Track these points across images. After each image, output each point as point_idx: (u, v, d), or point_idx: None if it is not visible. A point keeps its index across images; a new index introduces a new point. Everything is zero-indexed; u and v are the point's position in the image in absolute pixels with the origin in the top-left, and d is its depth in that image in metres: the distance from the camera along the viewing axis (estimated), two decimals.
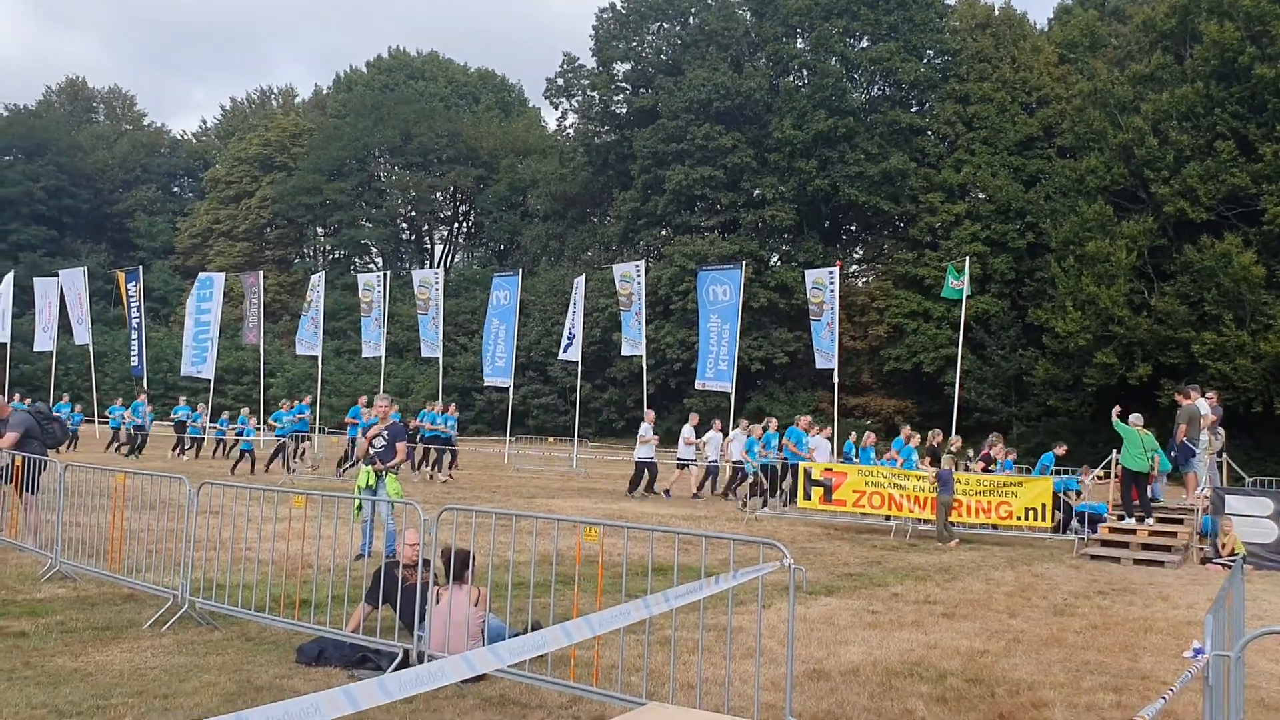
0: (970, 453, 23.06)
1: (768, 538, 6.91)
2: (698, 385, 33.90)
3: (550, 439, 42.69)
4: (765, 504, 19.95)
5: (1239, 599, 7.00)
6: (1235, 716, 4.09)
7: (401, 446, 12.26)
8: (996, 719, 6.58)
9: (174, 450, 29.07)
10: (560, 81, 59.80)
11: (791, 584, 5.92)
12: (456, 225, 76.86)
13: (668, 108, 51.70)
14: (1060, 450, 21.19)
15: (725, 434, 24.06)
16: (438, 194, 73.13)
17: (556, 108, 63.36)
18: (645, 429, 23.08)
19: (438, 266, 63.14)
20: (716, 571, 6.45)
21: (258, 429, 28.27)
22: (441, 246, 77.01)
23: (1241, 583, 7.05)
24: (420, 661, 6.90)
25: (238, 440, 27.13)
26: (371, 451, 12.04)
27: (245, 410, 28.96)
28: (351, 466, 22.85)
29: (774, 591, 9.98)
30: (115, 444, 31.05)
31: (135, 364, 41.92)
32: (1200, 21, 37.96)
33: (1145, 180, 38.48)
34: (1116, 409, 17.40)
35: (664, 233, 55.81)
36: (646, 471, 22.44)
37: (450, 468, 25.28)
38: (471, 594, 7.32)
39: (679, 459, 23.74)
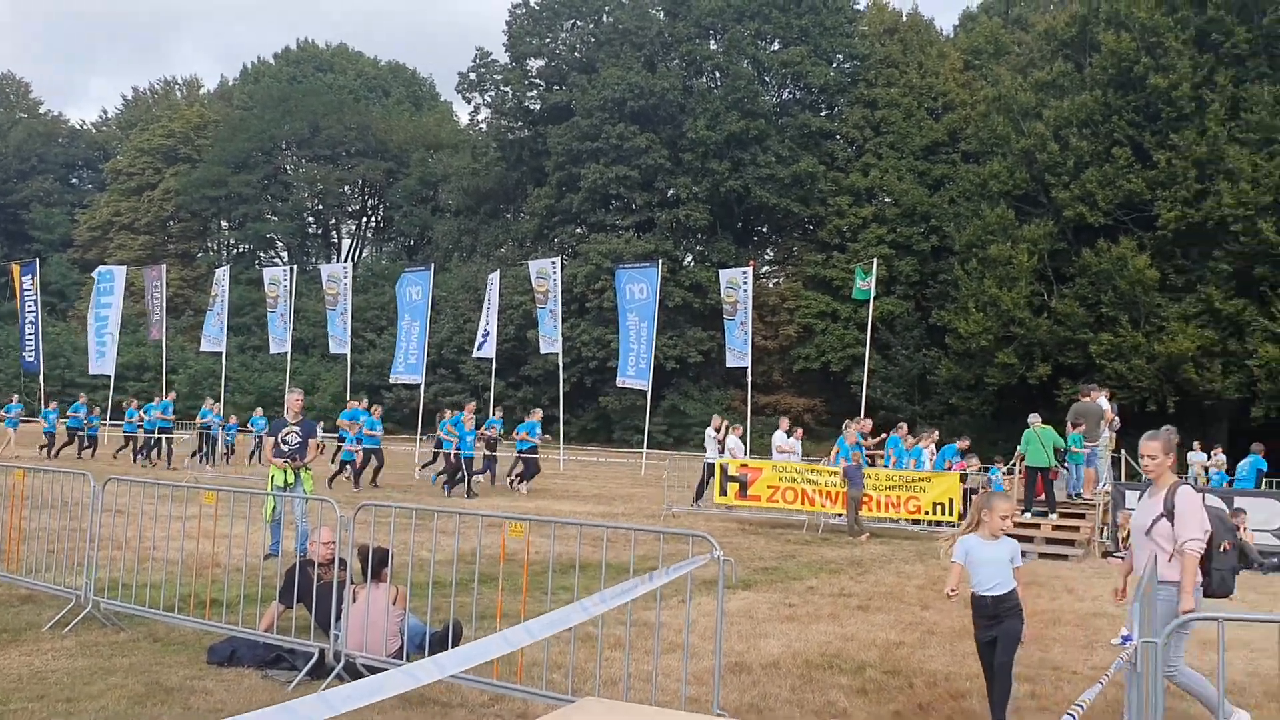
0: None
1: (696, 531, 6.95)
2: (618, 383, 33.95)
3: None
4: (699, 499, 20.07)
5: (1154, 590, 7.24)
6: (1159, 702, 4.22)
7: (314, 443, 12.03)
8: (916, 710, 6.71)
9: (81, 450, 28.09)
10: (473, 76, 59.33)
11: (721, 576, 5.95)
12: (365, 219, 75.71)
13: (582, 105, 51.63)
14: (963, 444, 21.60)
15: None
16: (346, 187, 71.90)
17: (469, 102, 62.80)
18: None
19: (346, 261, 62.16)
20: (641, 567, 6.45)
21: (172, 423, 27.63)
22: (350, 241, 75.80)
23: (1155, 573, 7.28)
24: (337, 661, 6.78)
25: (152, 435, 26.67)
26: (285, 449, 11.77)
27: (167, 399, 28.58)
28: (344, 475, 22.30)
29: (697, 586, 10.03)
30: (51, 448, 29.37)
31: (30, 359, 40.41)
32: (1099, 31, 39.17)
33: (1046, 185, 39.58)
34: (1034, 416, 17.76)
35: (579, 230, 55.72)
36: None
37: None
38: (390, 592, 7.21)
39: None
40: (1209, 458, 28.56)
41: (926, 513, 17.28)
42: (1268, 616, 5.26)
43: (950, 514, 17.34)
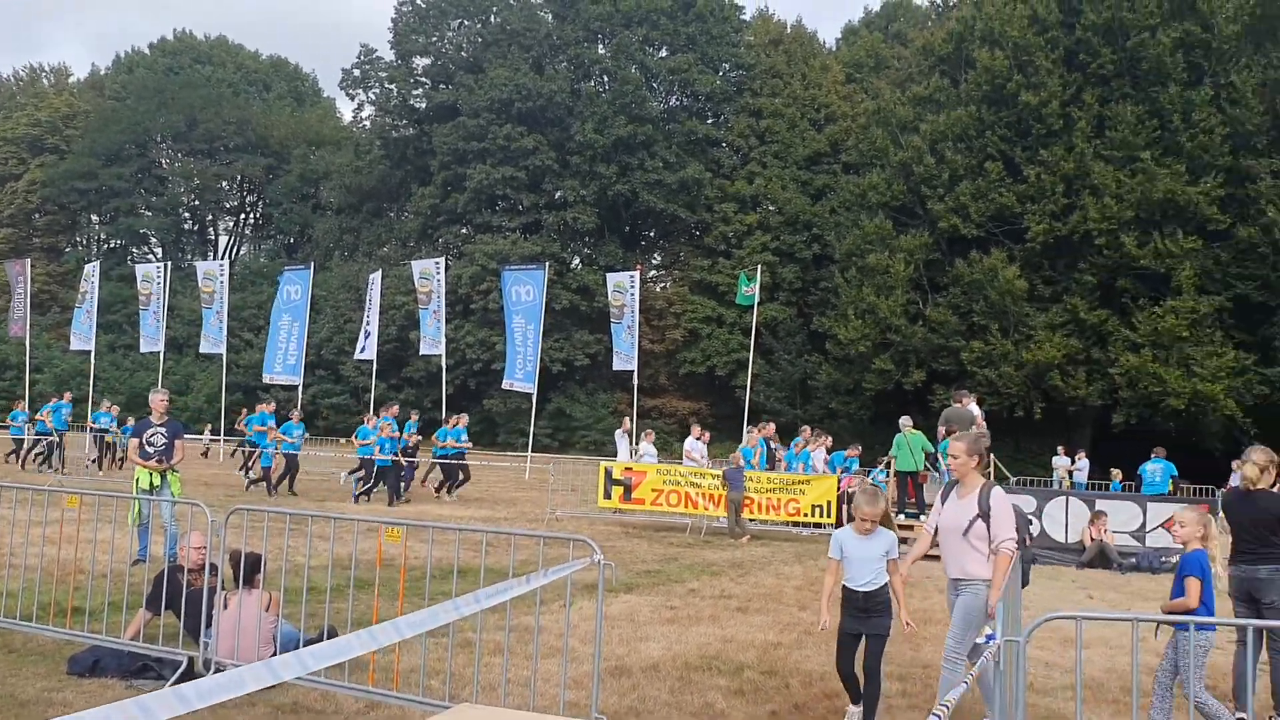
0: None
1: (577, 535, 6.94)
2: (505, 385, 33.68)
3: (342, 440, 41.40)
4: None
5: (1017, 590, 7.51)
6: (1020, 698, 4.38)
7: (181, 444, 11.64)
8: (791, 709, 6.81)
9: None
10: (357, 73, 58.27)
11: (601, 580, 5.96)
12: (243, 216, 73.63)
13: (468, 105, 51.19)
14: (853, 451, 22.11)
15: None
16: (224, 183, 69.81)
17: (353, 99, 61.67)
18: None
19: (223, 259, 60.41)
20: (522, 572, 6.42)
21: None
22: (227, 238, 73.60)
23: (1019, 575, 7.53)
24: (207, 670, 6.58)
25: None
26: (151, 450, 11.36)
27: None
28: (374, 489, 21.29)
29: (576, 589, 10.02)
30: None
31: None
32: (974, 48, 40.50)
33: (922, 197, 40.73)
34: (905, 420, 18.24)
35: (464, 231, 55.21)
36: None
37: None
38: (262, 599, 7.03)
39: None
40: (1072, 462, 29.78)
41: (806, 515, 17.60)
42: (1124, 615, 5.51)
43: (829, 516, 17.69)
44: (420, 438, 23.33)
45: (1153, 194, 35.79)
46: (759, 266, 38.03)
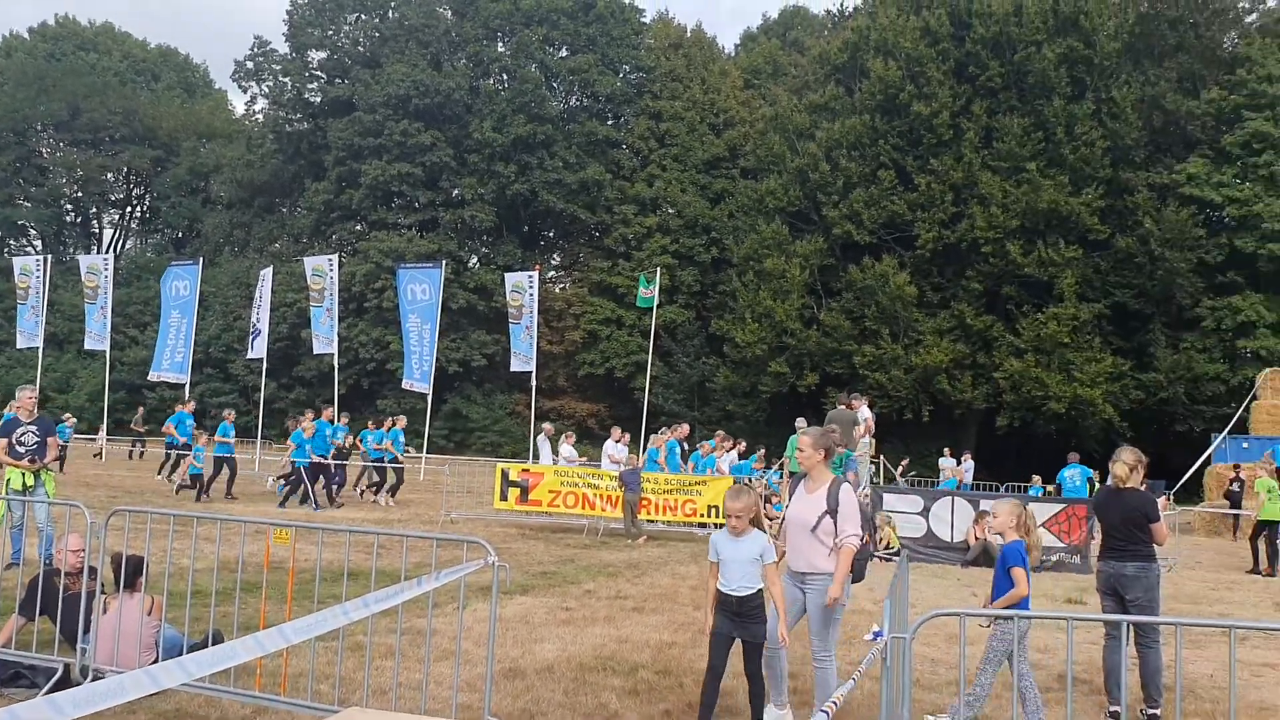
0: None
1: (471, 537, 6.88)
2: (404, 385, 33.21)
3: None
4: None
5: (904, 587, 7.68)
6: (906, 694, 4.48)
7: (54, 441, 11.20)
8: (685, 708, 6.86)
9: None
10: (250, 65, 56.88)
11: (495, 582, 5.92)
12: (129, 209, 71.13)
13: (365, 100, 50.39)
14: (760, 458, 22.42)
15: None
16: (109, 174, 67.33)
17: (245, 92, 60.32)
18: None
19: (107, 252, 58.25)
20: (416, 574, 6.35)
21: None
22: (112, 231, 70.98)
23: (908, 572, 7.71)
24: (85, 677, 6.36)
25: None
26: (23, 450, 10.90)
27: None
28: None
29: (471, 592, 9.94)
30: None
31: None
32: (868, 58, 41.35)
33: (818, 203, 41.43)
34: (800, 421, 18.51)
35: (359, 227, 54.32)
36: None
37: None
38: (144, 603, 6.82)
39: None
40: (958, 464, 30.61)
41: (703, 516, 17.74)
42: (1005, 612, 5.67)
43: (718, 516, 17.85)
44: (353, 440, 22.89)
45: (1037, 204, 37.02)
46: (658, 269, 38.26)
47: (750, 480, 20.95)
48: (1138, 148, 39.90)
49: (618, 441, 21.21)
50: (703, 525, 17.79)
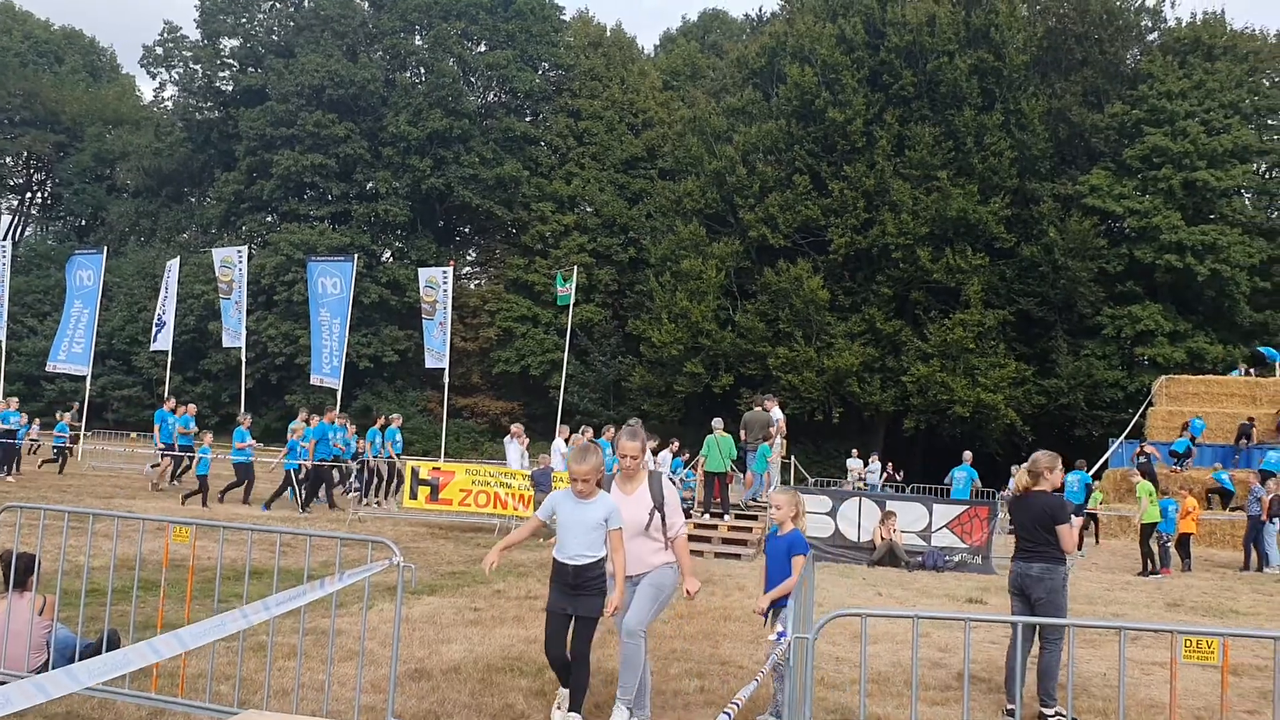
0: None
1: (376, 536, 6.79)
2: (313, 380, 32.63)
3: (133, 435, 39.25)
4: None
5: (810, 587, 7.79)
6: (808, 693, 4.55)
7: None
8: (592, 708, 6.86)
9: None
10: (159, 50, 55.37)
11: (400, 582, 5.86)
12: (30, 195, 68.71)
13: (278, 90, 49.43)
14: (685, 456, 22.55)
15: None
16: (8, 159, 64.85)
17: (154, 78, 58.49)
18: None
19: (5, 240, 56.20)
20: (321, 574, 6.25)
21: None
22: (11, 217, 68.42)
23: (813, 572, 7.82)
24: None
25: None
26: None
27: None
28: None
29: (377, 592, 9.83)
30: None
31: None
32: (785, 64, 41.85)
33: (735, 206, 41.79)
34: (717, 422, 18.68)
35: (270, 219, 53.26)
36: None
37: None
38: (35, 602, 6.60)
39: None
40: (865, 465, 31.14)
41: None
42: (905, 612, 5.79)
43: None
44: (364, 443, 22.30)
45: (946, 212, 37.84)
46: (575, 267, 38.20)
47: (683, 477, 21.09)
48: (1044, 159, 41.04)
49: (567, 440, 21.20)
50: None
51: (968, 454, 24.82)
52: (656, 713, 6.72)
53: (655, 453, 21.71)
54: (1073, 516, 7.60)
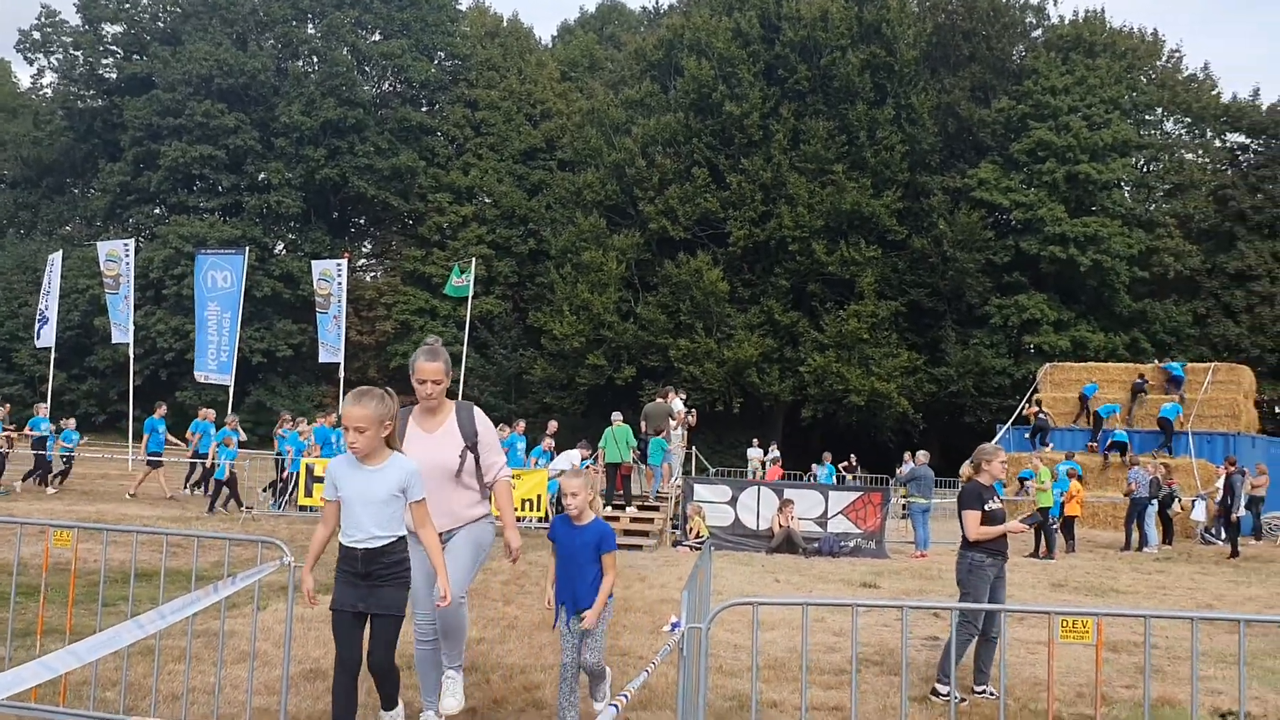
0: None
1: (266, 536, 6.66)
2: (197, 377, 31.77)
3: (15, 435, 37.73)
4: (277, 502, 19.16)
5: (707, 577, 7.88)
6: (702, 682, 4.61)
7: None
8: (491, 704, 6.85)
9: None
10: (36, 35, 53.13)
11: (291, 582, 5.77)
12: None
13: (164, 79, 47.93)
14: (549, 428, 22.54)
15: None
16: None
17: (31, 64, 56.04)
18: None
19: None
20: (210, 574, 6.12)
21: None
22: None
23: (710, 562, 7.89)
24: None
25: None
26: None
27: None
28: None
29: (270, 592, 9.65)
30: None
31: None
32: (682, 57, 42.08)
33: (635, 198, 41.93)
34: (617, 415, 18.75)
35: (158, 211, 51.65)
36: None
37: None
38: None
39: None
40: (765, 453, 31.58)
41: (517, 510, 17.69)
42: (795, 600, 5.92)
43: (539, 509, 17.89)
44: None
45: (841, 205, 38.54)
46: (473, 259, 37.89)
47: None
48: (934, 153, 42.07)
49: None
50: (520, 519, 17.75)
51: (827, 454, 26.71)
52: (552, 710, 6.73)
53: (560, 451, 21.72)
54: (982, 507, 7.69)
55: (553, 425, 23.07)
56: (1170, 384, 28.85)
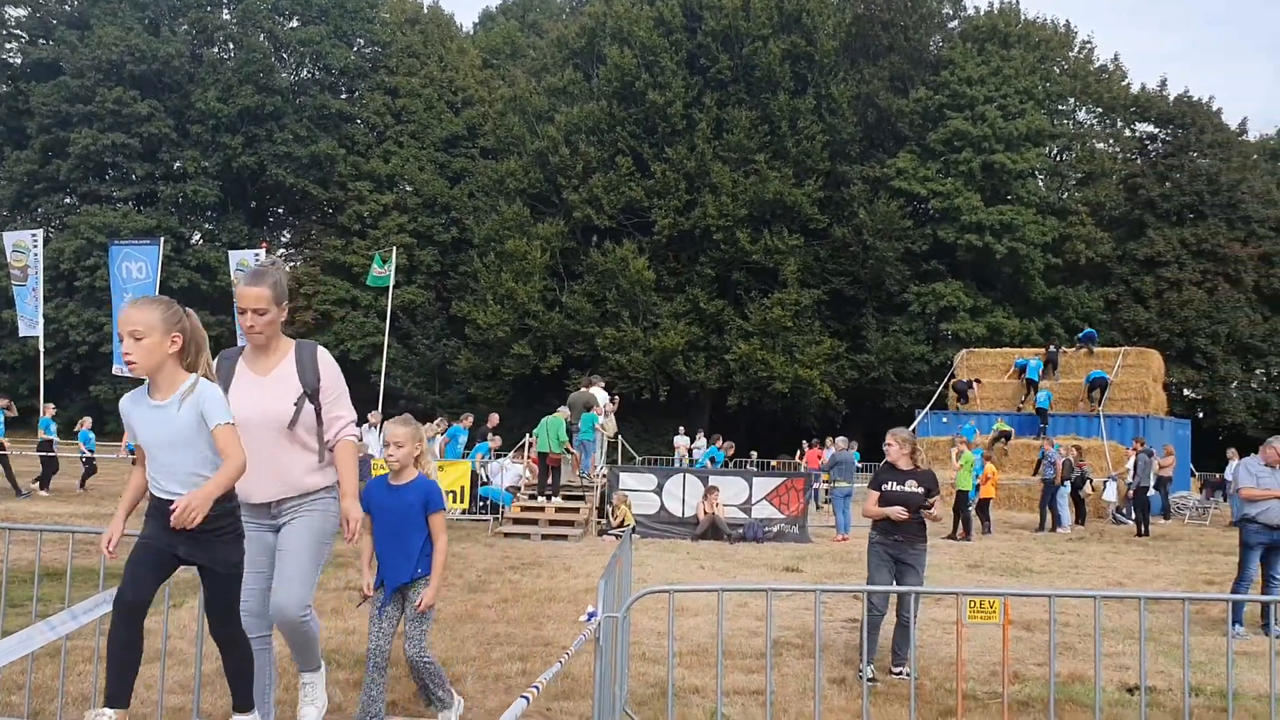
0: None
1: None
2: (115, 371, 30.91)
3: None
4: None
5: (627, 565, 7.91)
6: (620, 671, 4.64)
7: None
8: (411, 697, 6.81)
9: None
10: None
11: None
12: None
13: (72, 64, 46.51)
14: (490, 420, 22.46)
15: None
16: None
17: None
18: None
19: None
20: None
21: None
22: None
23: (630, 550, 7.93)
24: None
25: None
26: None
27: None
28: None
29: (185, 589, 9.46)
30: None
31: None
32: (605, 45, 42.00)
33: (559, 186, 41.76)
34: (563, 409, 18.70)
35: (68, 201, 50.16)
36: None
37: None
38: None
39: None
40: (692, 441, 31.75)
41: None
42: (710, 586, 5.95)
43: (462, 501, 17.79)
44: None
45: (764, 194, 38.83)
46: (394, 248, 37.41)
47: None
48: (854, 142, 42.58)
49: (377, 426, 20.80)
50: None
51: (717, 437, 27.44)
52: (479, 698, 6.72)
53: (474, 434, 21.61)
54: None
55: (494, 418, 22.94)
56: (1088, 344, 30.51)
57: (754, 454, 29.47)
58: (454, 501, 17.70)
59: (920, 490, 7.60)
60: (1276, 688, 5.11)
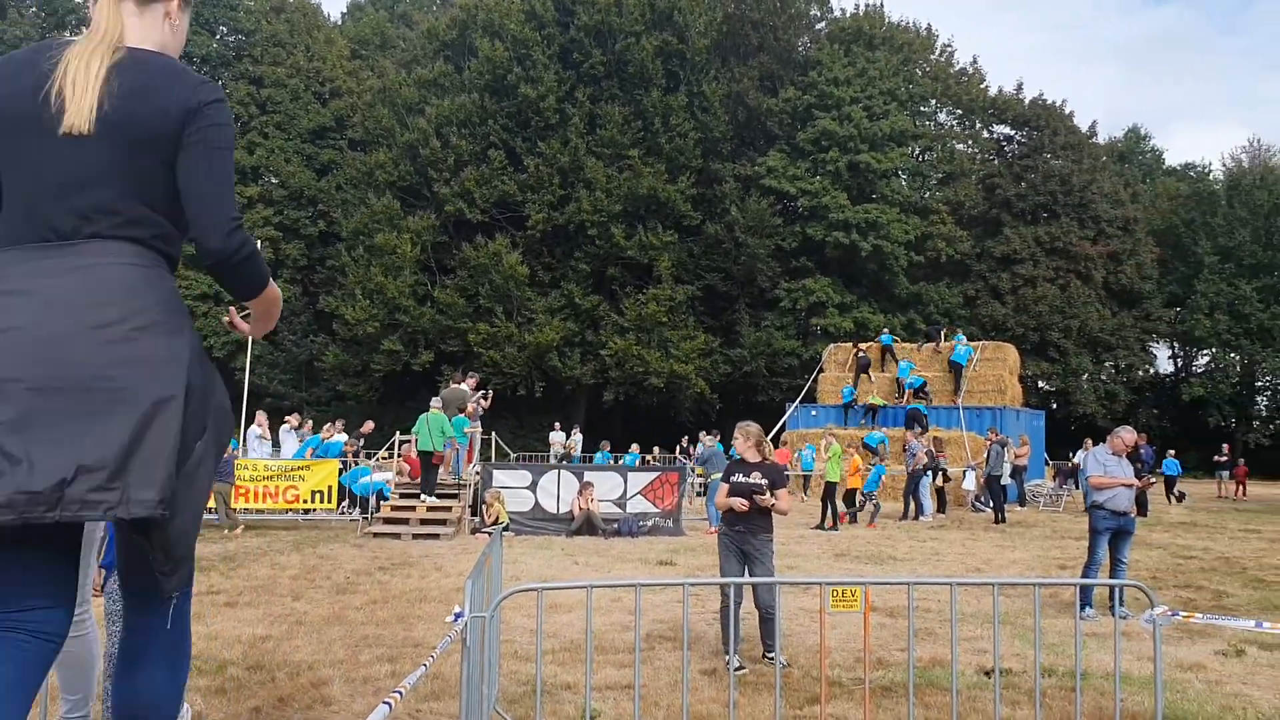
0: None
1: None
2: None
3: None
4: None
5: (497, 563, 7.85)
6: (490, 670, 4.61)
7: None
8: (276, 702, 6.65)
9: None
10: None
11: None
12: None
13: None
14: (364, 427, 22.02)
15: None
16: None
17: None
18: None
19: None
20: None
21: None
22: None
23: (500, 548, 7.88)
24: None
25: None
26: None
27: None
28: None
29: None
30: None
31: None
32: (476, 37, 41.55)
33: (430, 179, 41.16)
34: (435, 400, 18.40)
35: None
36: None
37: None
38: None
39: None
40: (568, 437, 31.73)
41: (305, 501, 17.21)
42: (579, 583, 5.97)
43: (329, 501, 17.42)
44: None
45: (638, 190, 39.02)
46: (259, 241, 36.38)
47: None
48: (725, 140, 43.12)
49: (295, 429, 20.28)
50: (307, 512, 17.27)
51: (605, 443, 28.48)
52: (346, 702, 6.60)
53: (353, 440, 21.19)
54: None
55: (368, 425, 22.51)
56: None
57: (635, 447, 29.44)
58: (320, 501, 17.33)
59: (764, 482, 7.77)
60: (1121, 666, 5.38)
